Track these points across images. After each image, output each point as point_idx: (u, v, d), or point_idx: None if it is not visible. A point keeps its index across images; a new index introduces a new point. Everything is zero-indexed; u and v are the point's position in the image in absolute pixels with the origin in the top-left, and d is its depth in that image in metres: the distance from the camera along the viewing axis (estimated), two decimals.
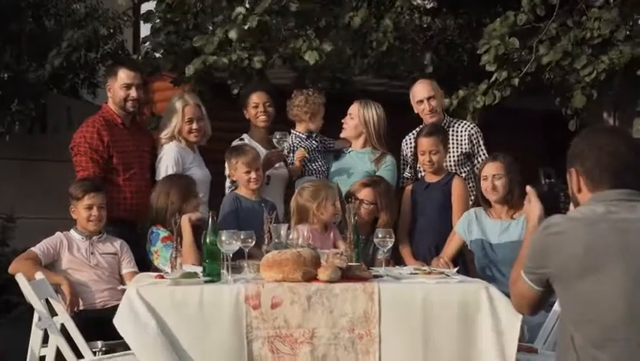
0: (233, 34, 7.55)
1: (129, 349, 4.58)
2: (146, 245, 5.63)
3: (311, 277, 4.29)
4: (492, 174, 5.57)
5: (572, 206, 3.31)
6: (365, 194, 5.91)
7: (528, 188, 3.61)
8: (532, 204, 3.54)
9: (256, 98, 6.45)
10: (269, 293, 4.20)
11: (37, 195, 9.83)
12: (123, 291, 5.42)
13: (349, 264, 4.47)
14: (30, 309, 8.00)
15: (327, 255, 4.46)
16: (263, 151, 6.24)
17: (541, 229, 3.07)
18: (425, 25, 11.71)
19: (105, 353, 5.02)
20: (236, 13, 7.67)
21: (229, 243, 4.35)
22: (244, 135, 6.49)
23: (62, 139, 9.74)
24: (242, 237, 4.41)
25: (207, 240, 4.48)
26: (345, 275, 4.34)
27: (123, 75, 6.09)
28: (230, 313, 4.17)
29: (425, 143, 6.03)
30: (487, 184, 5.59)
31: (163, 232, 5.54)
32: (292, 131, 6.51)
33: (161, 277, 4.47)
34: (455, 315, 4.23)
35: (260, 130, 6.47)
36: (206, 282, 4.34)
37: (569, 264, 2.93)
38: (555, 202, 3.64)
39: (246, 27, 7.54)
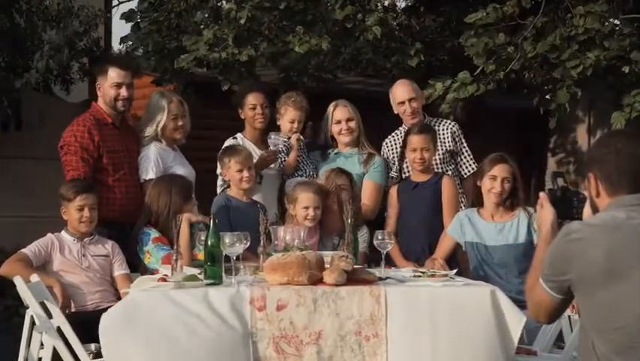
0: (226, 30, 7.51)
1: None
2: (136, 246, 5.55)
3: (316, 280, 4.28)
4: (503, 176, 5.54)
5: (585, 210, 3.30)
6: (342, 181, 5.81)
7: (541, 194, 3.57)
8: (545, 210, 3.46)
9: (253, 100, 6.37)
10: (274, 296, 4.18)
11: (10, 192, 9.72)
12: (116, 293, 5.44)
13: (355, 267, 4.45)
14: (6, 309, 7.92)
15: (332, 257, 4.43)
16: (257, 151, 6.22)
17: (562, 236, 3.04)
18: (398, 24, 11.72)
19: (96, 356, 4.95)
20: (227, 9, 7.65)
21: (232, 245, 4.33)
22: (237, 135, 6.44)
23: (36, 136, 9.69)
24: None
25: (209, 242, 4.43)
26: (351, 278, 4.32)
27: (114, 74, 6.00)
28: (235, 316, 4.14)
29: (416, 140, 6.01)
30: (495, 185, 5.55)
31: (154, 233, 5.48)
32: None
33: (164, 279, 4.42)
34: (462, 318, 4.23)
35: (255, 130, 6.41)
36: (208, 285, 4.31)
37: (590, 271, 2.91)
38: (568, 207, 3.59)
39: (242, 22, 7.51)
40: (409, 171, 6.33)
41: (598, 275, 2.89)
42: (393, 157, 6.53)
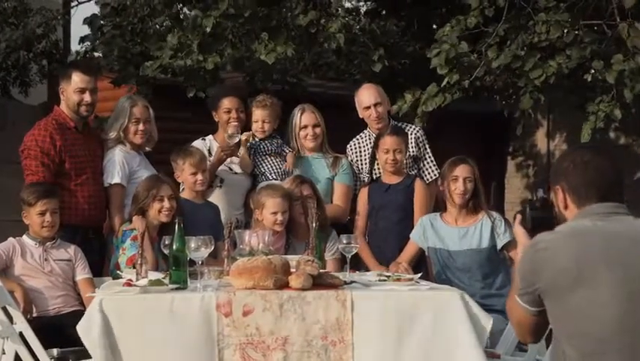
0: (190, 37, 7.51)
1: (82, 357, 4.53)
2: (112, 240, 5.59)
3: (282, 285, 4.27)
4: (464, 176, 5.55)
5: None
6: (307, 190, 5.83)
7: (517, 216, 3.57)
8: (516, 233, 3.46)
9: (228, 104, 6.30)
10: (240, 301, 4.16)
11: None
12: (78, 298, 5.41)
13: (321, 271, 4.45)
14: None
15: (299, 262, 4.43)
16: None
17: (529, 247, 3.06)
18: (361, 28, 11.71)
19: (58, 360, 4.92)
20: (193, 16, 7.63)
21: (197, 249, 4.32)
22: (208, 137, 6.40)
23: None
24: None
25: (173, 246, 4.42)
26: (317, 282, 4.32)
27: (77, 79, 5.90)
28: (201, 321, 4.12)
29: (389, 141, 6.01)
30: (457, 185, 5.55)
31: (135, 232, 5.45)
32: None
33: (129, 284, 4.39)
34: (428, 322, 4.23)
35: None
36: (173, 289, 4.29)
37: (558, 278, 2.92)
38: (548, 218, 3.60)
39: (207, 30, 7.50)
40: (379, 173, 6.31)
41: (566, 281, 2.90)
42: (357, 160, 6.53)
